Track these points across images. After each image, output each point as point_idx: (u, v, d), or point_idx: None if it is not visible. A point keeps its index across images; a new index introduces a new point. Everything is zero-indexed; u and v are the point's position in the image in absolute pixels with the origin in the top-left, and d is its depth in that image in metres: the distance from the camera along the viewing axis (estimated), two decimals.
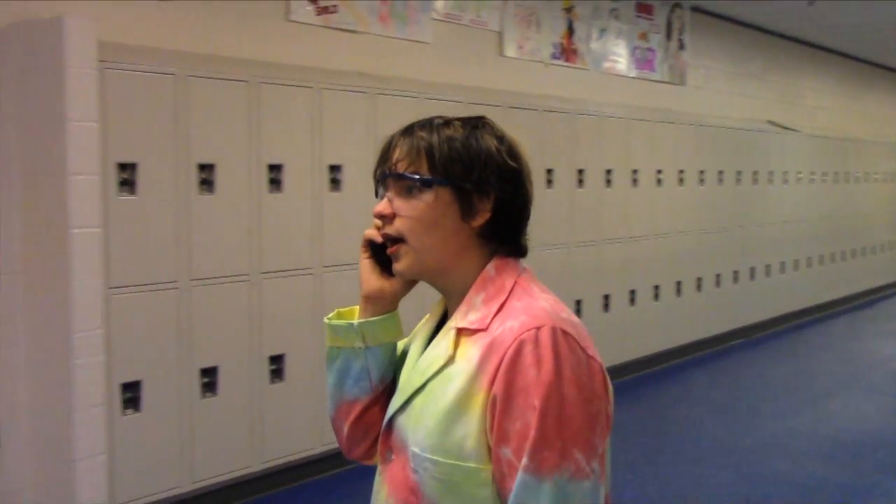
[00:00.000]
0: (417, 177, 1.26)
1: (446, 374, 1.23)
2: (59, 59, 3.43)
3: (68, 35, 3.42)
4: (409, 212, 1.27)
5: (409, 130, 1.30)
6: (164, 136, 3.81)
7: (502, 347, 1.18)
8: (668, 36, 7.67)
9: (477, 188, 1.25)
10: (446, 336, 1.27)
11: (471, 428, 1.19)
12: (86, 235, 3.52)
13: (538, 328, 1.17)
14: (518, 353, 1.16)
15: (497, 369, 1.17)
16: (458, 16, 5.65)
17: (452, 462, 1.19)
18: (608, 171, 6.38)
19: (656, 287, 6.99)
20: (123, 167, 3.68)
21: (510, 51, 6.05)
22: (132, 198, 3.71)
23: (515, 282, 1.28)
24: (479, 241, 1.28)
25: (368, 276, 1.36)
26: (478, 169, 1.25)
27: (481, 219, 1.27)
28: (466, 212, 1.26)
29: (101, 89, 3.55)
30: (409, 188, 1.27)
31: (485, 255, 1.29)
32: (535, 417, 1.14)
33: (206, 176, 3.94)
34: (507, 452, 1.16)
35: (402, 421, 1.28)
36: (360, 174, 4.54)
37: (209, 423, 4.04)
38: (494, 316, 1.23)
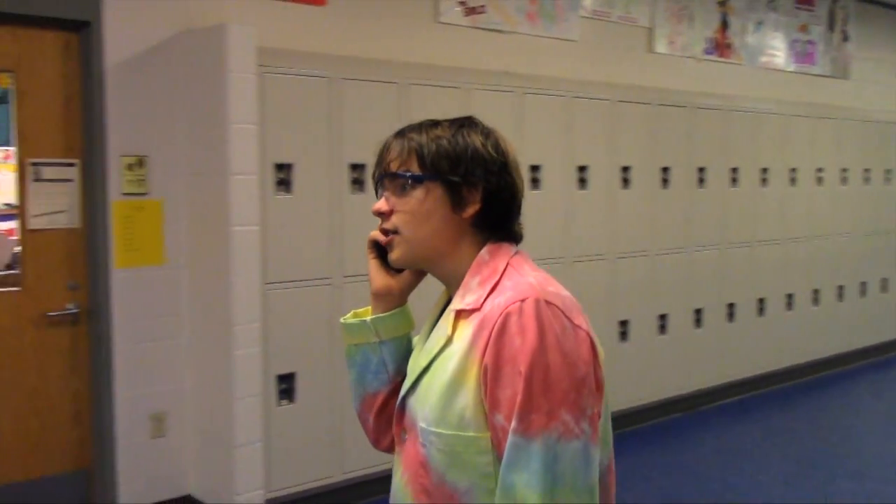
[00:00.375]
0: (409, 174, 1.36)
1: (447, 353, 1.32)
2: (221, 65, 3.60)
3: (230, 42, 3.59)
4: (403, 207, 1.36)
5: (401, 133, 1.41)
6: (318, 137, 3.93)
7: (491, 322, 1.25)
8: (831, 27, 7.29)
9: (465, 181, 1.34)
10: (447, 319, 1.35)
11: (468, 399, 1.26)
12: (245, 233, 3.68)
13: (523, 300, 1.24)
14: (504, 324, 1.23)
15: (487, 342, 1.25)
16: (606, 13, 5.56)
17: (454, 433, 1.27)
18: (764, 170, 6.12)
19: (815, 291, 6.66)
20: (280, 167, 3.83)
21: (661, 47, 5.91)
22: (288, 196, 3.86)
23: (507, 263, 1.34)
24: (472, 231, 1.36)
25: (376, 275, 1.47)
26: (465, 163, 1.34)
27: (472, 209, 1.35)
28: (457, 203, 1.35)
29: (260, 93, 3.71)
30: (402, 186, 1.37)
31: (478, 242, 1.37)
32: (521, 382, 1.20)
33: (358, 175, 4.04)
34: (499, 419, 1.23)
35: (412, 401, 1.37)
36: None
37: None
38: (488, 296, 1.31)
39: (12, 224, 3.68)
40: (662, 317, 5.47)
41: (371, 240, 1.46)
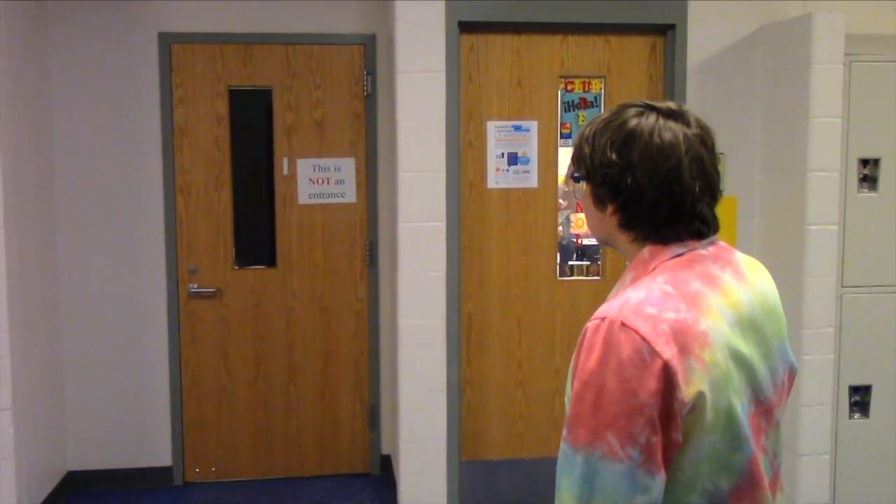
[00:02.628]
0: (572, 173, 1.44)
1: None
2: (805, 56, 3.46)
3: (816, 31, 3.42)
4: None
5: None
6: None
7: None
8: None
9: (594, 183, 1.36)
10: None
11: (569, 395, 1.32)
12: (822, 232, 3.50)
13: (603, 318, 1.25)
14: (582, 338, 1.28)
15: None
16: None
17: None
18: None
19: None
20: (864, 163, 3.56)
21: None
22: (871, 195, 3.57)
23: (655, 267, 1.33)
24: (624, 230, 1.37)
25: None
26: (593, 166, 1.36)
27: (611, 210, 1.35)
28: (599, 204, 1.37)
29: (846, 83, 3.48)
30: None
31: (633, 241, 1.37)
32: (574, 397, 1.26)
33: None
34: None
35: None
36: None
37: None
38: None
39: None
40: None
41: None
